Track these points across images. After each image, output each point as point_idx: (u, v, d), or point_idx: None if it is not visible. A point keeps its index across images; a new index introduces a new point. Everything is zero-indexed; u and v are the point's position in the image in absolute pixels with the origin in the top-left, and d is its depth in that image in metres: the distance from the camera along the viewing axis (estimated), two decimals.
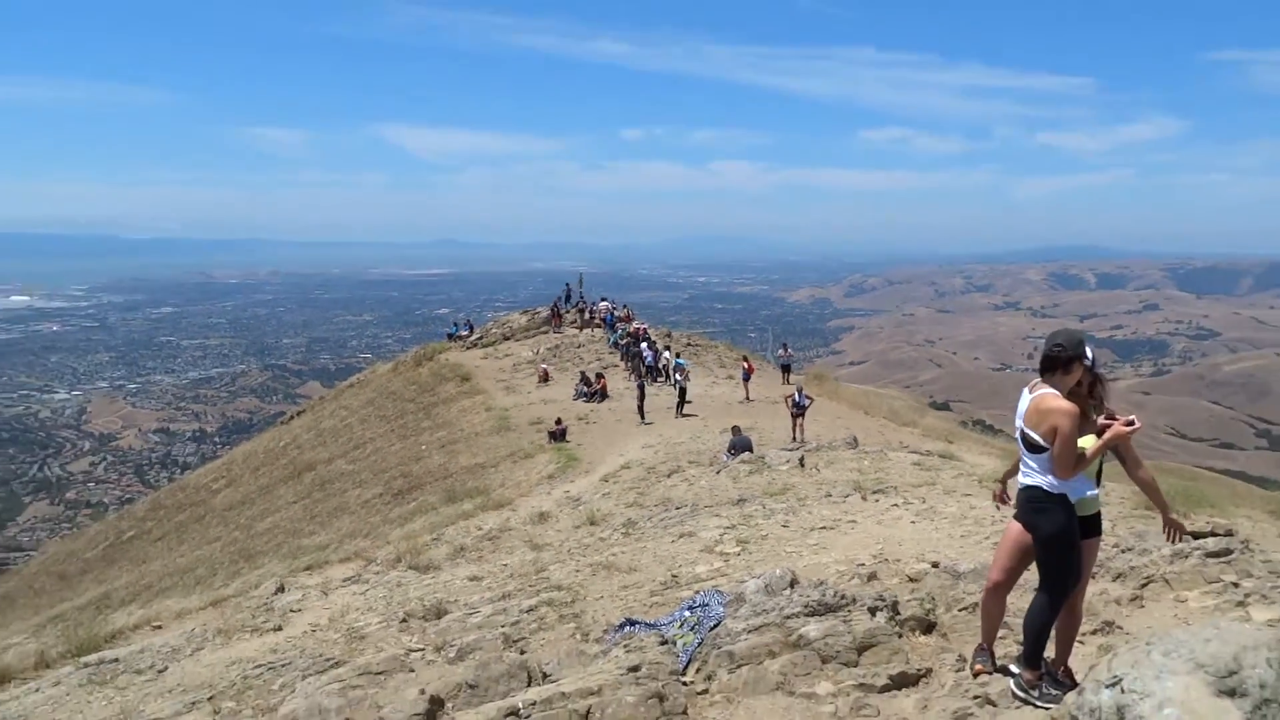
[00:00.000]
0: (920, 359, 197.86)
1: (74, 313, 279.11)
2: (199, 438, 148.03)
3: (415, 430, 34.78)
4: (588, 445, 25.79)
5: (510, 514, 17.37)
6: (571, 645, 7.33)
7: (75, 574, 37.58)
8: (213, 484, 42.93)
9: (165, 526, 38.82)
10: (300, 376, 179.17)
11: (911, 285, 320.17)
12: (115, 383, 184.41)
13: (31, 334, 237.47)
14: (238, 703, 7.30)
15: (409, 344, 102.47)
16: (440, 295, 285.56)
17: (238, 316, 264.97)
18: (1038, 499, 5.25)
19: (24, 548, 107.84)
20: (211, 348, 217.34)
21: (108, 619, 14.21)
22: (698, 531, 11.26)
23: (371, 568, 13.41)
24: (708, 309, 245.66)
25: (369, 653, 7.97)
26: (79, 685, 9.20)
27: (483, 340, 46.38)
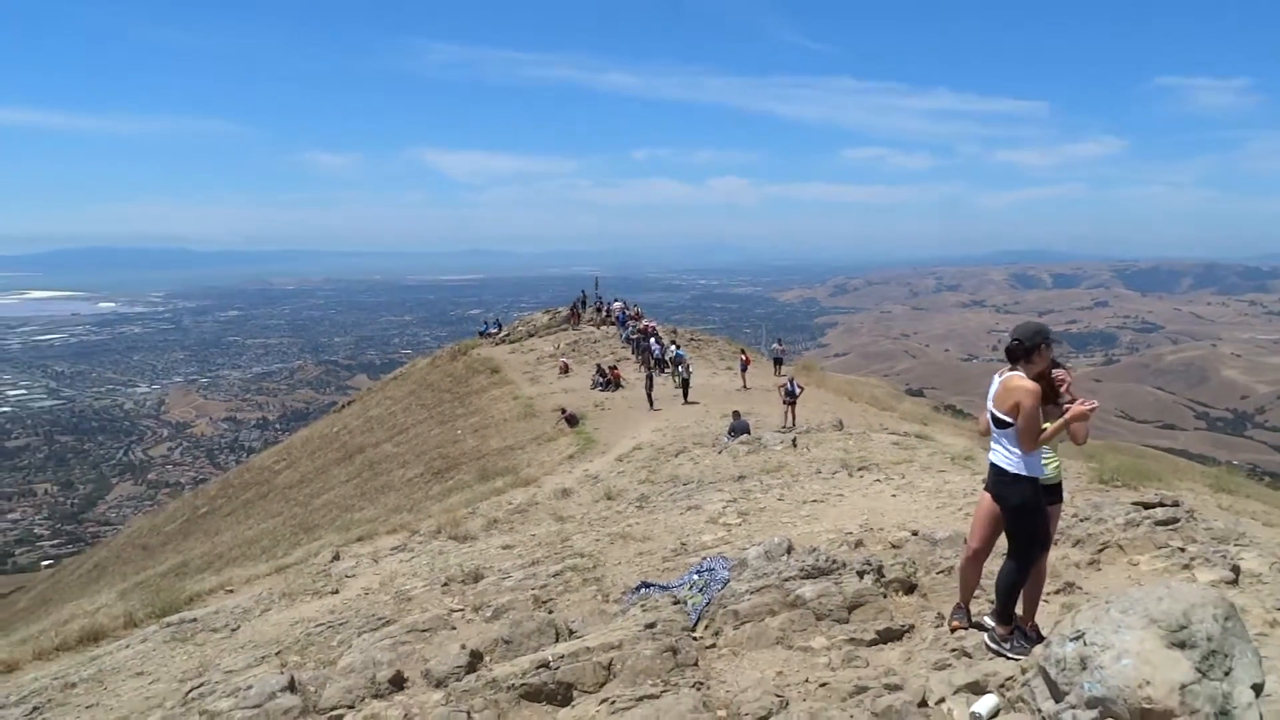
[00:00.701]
0: (897, 351, 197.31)
1: (153, 317, 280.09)
2: (262, 425, 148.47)
3: (451, 417, 34.77)
4: (603, 429, 25.74)
5: (536, 490, 17.35)
6: (594, 605, 7.32)
7: (156, 545, 37.71)
8: (275, 465, 42.99)
9: (234, 503, 38.92)
10: (350, 370, 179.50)
11: (889, 286, 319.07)
12: (189, 377, 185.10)
13: (117, 336, 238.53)
14: (302, 656, 7.30)
15: (444, 341, 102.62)
16: (471, 298, 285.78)
17: (294, 319, 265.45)
18: (1003, 475, 5.23)
19: (112, 522, 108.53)
20: (272, 346, 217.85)
21: (186, 584, 14.21)
22: (703, 505, 11.22)
23: (415, 538, 13.39)
24: (708, 308, 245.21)
25: (415, 613, 7.95)
26: (163, 642, 9.22)
27: (510, 337, 46.37)
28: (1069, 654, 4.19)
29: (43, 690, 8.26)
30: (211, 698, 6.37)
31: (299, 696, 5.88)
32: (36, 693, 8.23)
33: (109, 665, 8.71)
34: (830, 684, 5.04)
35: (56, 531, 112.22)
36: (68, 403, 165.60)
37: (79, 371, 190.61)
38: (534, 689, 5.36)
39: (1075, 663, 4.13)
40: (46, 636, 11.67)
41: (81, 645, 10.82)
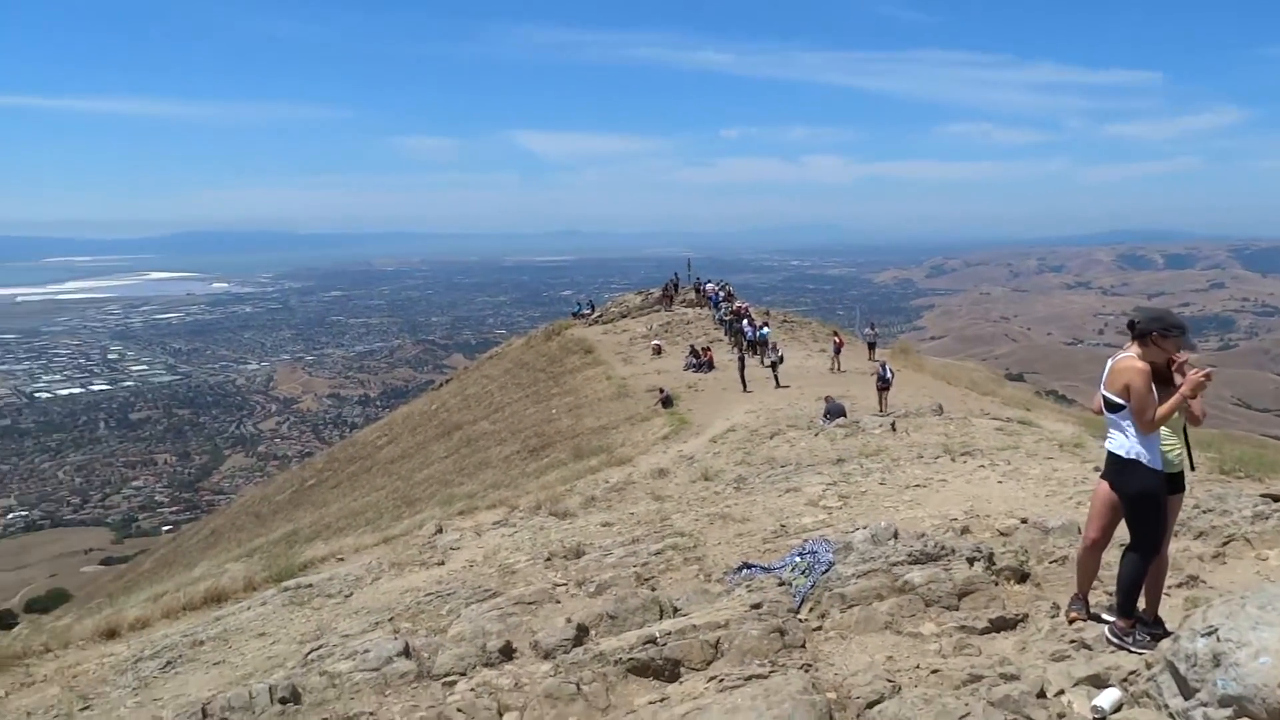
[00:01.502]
0: (996, 334, 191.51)
1: (262, 297, 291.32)
2: (364, 401, 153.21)
3: (546, 396, 35.23)
4: (697, 410, 25.73)
5: (631, 469, 17.47)
6: (696, 584, 7.34)
7: (268, 514, 39.35)
8: (377, 441, 44.33)
9: (339, 476, 40.29)
10: (446, 350, 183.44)
11: (988, 267, 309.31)
12: (296, 355, 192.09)
13: (229, 315, 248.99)
14: (413, 623, 7.54)
15: (538, 321, 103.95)
16: (564, 279, 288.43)
17: (394, 299, 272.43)
18: (1119, 461, 5.05)
19: (225, 492, 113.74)
20: (373, 325, 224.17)
21: (299, 551, 14.80)
22: (802, 487, 11.13)
23: (515, 514, 13.65)
24: (800, 289, 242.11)
25: (520, 585, 8.12)
26: (282, 605, 9.64)
27: (603, 318, 46.68)
28: (1200, 650, 4.02)
29: (174, 646, 8.73)
30: (330, 660, 6.61)
31: (414, 661, 6.07)
32: (169, 648, 8.70)
33: (233, 625, 9.15)
34: (942, 671, 4.95)
35: (175, 499, 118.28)
36: (185, 378, 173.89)
37: (195, 348, 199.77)
38: (641, 664, 5.41)
39: (1208, 659, 3.96)
40: (174, 596, 12.32)
41: (206, 606, 11.41)
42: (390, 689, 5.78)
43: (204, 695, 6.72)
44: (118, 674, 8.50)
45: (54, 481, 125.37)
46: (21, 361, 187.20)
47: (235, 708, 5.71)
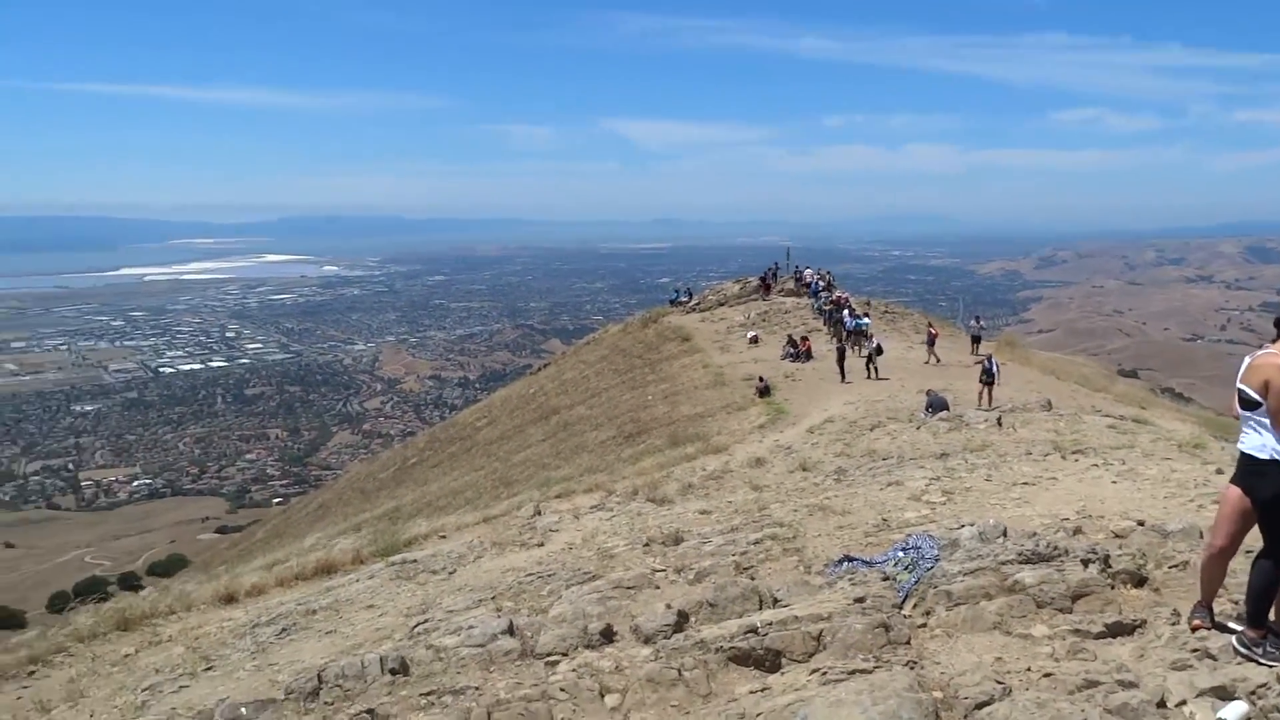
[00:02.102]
0: (1109, 328, 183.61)
1: (369, 280, 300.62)
2: (464, 384, 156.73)
3: (642, 382, 35.39)
4: (794, 400, 25.48)
5: (728, 458, 17.42)
6: (796, 576, 7.28)
7: (372, 490, 40.68)
8: (477, 422, 45.29)
9: (440, 455, 41.35)
10: (544, 334, 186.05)
11: (1101, 259, 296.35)
12: (400, 337, 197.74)
13: (339, 297, 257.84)
14: (515, 602, 7.69)
15: (634, 308, 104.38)
16: (661, 266, 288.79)
17: (494, 284, 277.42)
18: (1255, 462, 4.79)
19: (331, 467, 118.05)
20: (474, 309, 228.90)
21: (403, 527, 15.25)
22: (904, 481, 10.91)
23: (612, 498, 13.77)
24: (901, 280, 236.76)
25: (619, 570, 8.20)
26: (389, 579, 9.96)
27: (700, 306, 46.57)
28: None
29: (289, 614, 9.11)
30: (436, 634, 6.80)
31: (517, 640, 6.20)
32: (284, 616, 9.09)
33: (343, 596, 9.50)
34: (1055, 675, 4.80)
35: (285, 472, 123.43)
36: (296, 356, 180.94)
37: (306, 328, 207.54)
38: (742, 653, 5.41)
39: None
40: (287, 566, 12.85)
41: (317, 576, 11.86)
42: (494, 665, 5.91)
43: (317, 662, 6.99)
44: (237, 638, 8.92)
45: (175, 452, 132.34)
46: (148, 337, 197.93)
47: (348, 676, 5.93)
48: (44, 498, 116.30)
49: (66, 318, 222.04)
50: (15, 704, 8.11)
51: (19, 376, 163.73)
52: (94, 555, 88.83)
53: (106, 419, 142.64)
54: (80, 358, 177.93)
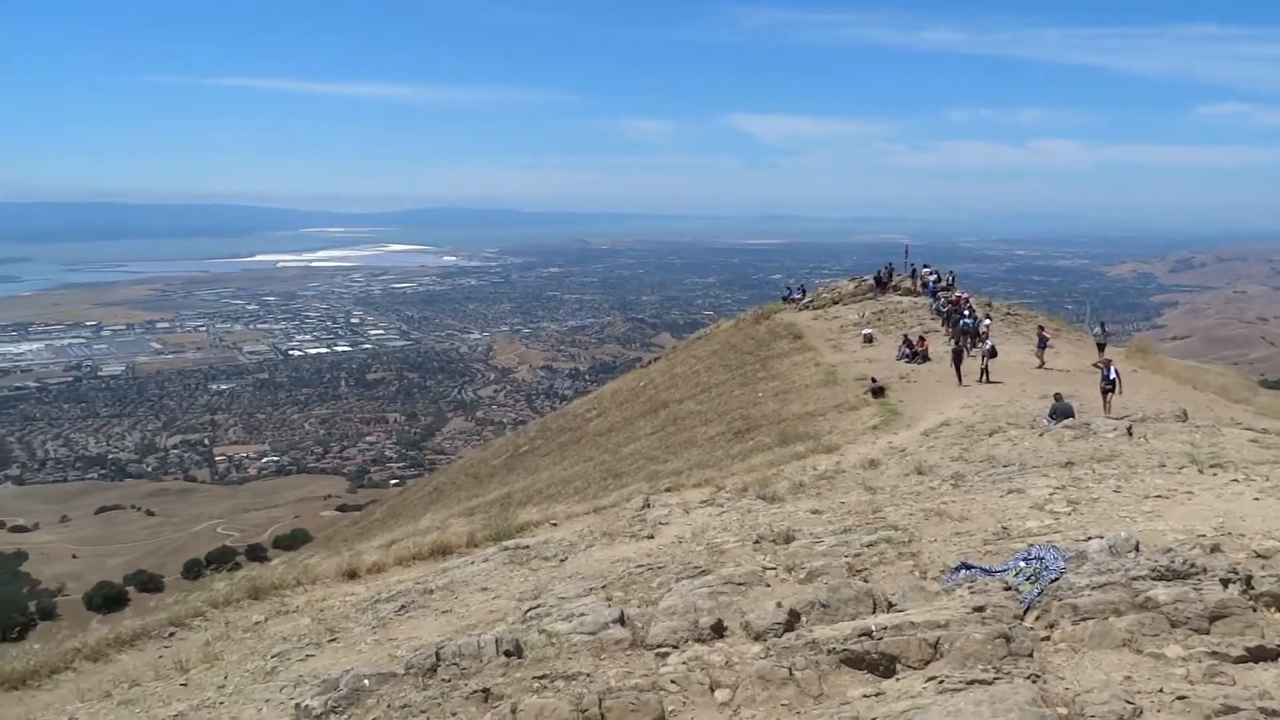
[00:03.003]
0: (1251, 336, 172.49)
1: (486, 271, 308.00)
2: (574, 375, 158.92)
3: (753, 379, 35.13)
4: (908, 402, 24.89)
5: (839, 458, 17.15)
6: (911, 581, 7.12)
7: (485, 476, 41.67)
8: (587, 413, 45.81)
9: (550, 445, 42.01)
10: (654, 328, 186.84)
11: (1245, 262, 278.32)
12: (514, 327, 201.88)
13: (456, 286, 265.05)
14: (625, 592, 7.77)
15: (746, 304, 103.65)
16: (774, 263, 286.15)
17: (607, 277, 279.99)
18: None
19: (445, 452, 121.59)
20: (586, 302, 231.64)
21: (514, 514, 15.57)
22: (1026, 489, 10.53)
23: (722, 494, 13.74)
24: (1025, 281, 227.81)
25: (729, 566, 8.18)
26: (502, 563, 10.21)
27: (813, 303, 45.91)
28: None
29: (407, 592, 9.45)
30: (548, 619, 6.94)
31: (628, 630, 6.27)
32: (402, 593, 9.44)
33: (459, 578, 9.79)
34: (1190, 698, 4.56)
35: (402, 455, 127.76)
36: (415, 344, 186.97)
37: (425, 316, 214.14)
38: (855, 656, 5.33)
39: None
40: (405, 545, 13.30)
41: (433, 557, 12.25)
42: (605, 654, 5.99)
43: (435, 640, 7.23)
44: (359, 612, 9.30)
45: (301, 431, 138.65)
46: (279, 321, 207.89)
47: (465, 655, 6.11)
48: (182, 470, 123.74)
49: (206, 300, 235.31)
50: (157, 662, 8.67)
51: (163, 355, 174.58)
52: (225, 526, 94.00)
53: (239, 398, 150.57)
54: (217, 339, 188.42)
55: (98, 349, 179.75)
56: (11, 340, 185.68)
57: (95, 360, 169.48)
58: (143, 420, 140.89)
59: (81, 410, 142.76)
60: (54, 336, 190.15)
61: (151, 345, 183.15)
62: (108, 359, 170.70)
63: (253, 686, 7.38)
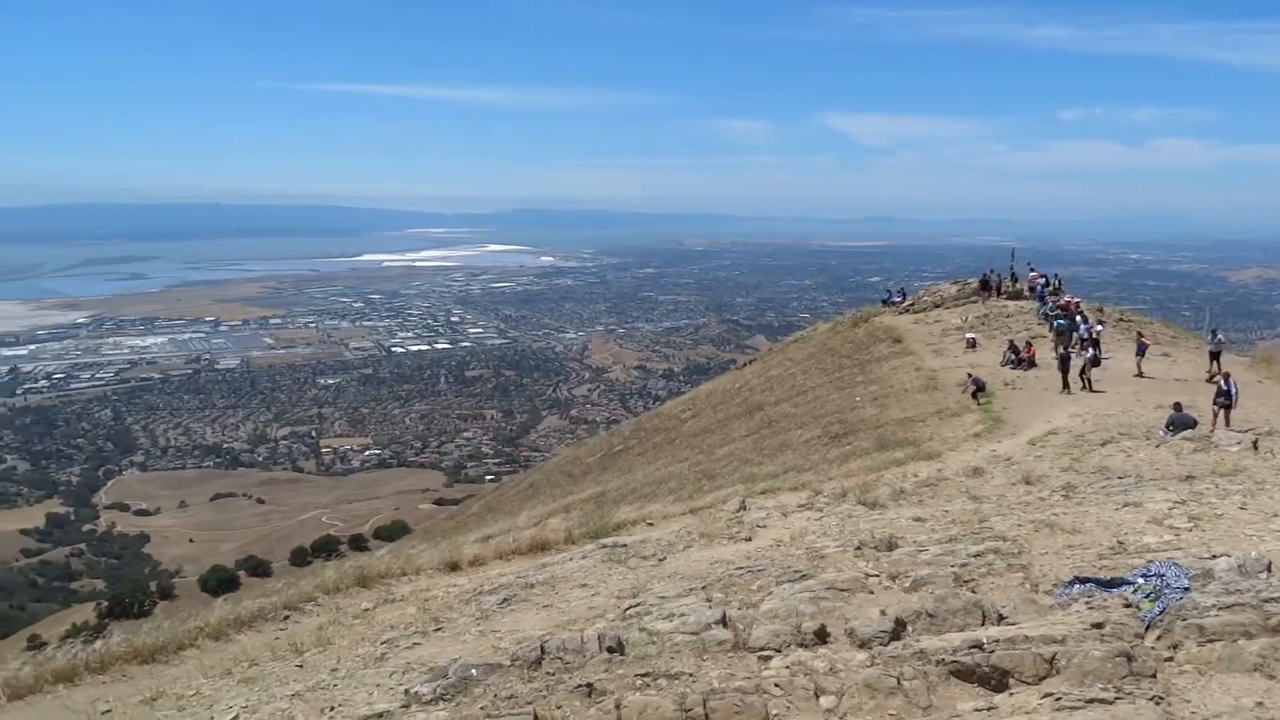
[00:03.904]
0: None
1: (582, 271, 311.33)
2: (668, 375, 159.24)
3: (850, 383, 34.57)
4: (1013, 409, 24.12)
5: (941, 465, 16.74)
6: (1022, 593, 6.91)
7: (579, 474, 42.07)
8: (681, 414, 45.78)
9: (645, 445, 42.13)
10: (749, 330, 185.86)
11: None
12: (609, 327, 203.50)
13: (553, 286, 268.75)
14: (725, 594, 7.75)
15: (843, 307, 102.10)
16: (872, 265, 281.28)
17: (702, 278, 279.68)
18: None
19: (540, 449, 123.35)
20: (680, 303, 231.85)
21: (610, 512, 15.70)
22: (1143, 502, 10.09)
23: (820, 498, 13.58)
24: (1138, 286, 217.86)
25: (830, 571, 8.08)
26: (601, 561, 10.30)
27: (914, 307, 44.88)
28: None
29: (509, 585, 9.63)
30: (649, 618, 6.97)
31: (730, 631, 6.25)
32: (504, 586, 9.62)
33: (559, 574, 9.92)
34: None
35: (498, 452, 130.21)
36: (512, 342, 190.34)
37: (522, 316, 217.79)
38: (965, 668, 5.20)
39: None
40: (504, 540, 13.55)
41: (531, 552, 12.44)
42: (708, 654, 5.99)
43: (537, 633, 7.35)
44: (462, 603, 9.51)
45: (401, 426, 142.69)
46: (383, 319, 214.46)
47: (569, 649, 6.19)
48: (290, 461, 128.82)
49: (316, 298, 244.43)
50: (274, 643, 9.03)
51: (275, 350, 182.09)
52: (329, 516, 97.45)
53: (345, 392, 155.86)
54: (325, 335, 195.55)
55: (215, 343, 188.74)
56: (139, 334, 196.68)
57: (213, 354, 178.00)
58: (255, 412, 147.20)
59: (200, 401, 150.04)
60: (176, 331, 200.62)
61: (264, 340, 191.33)
62: (224, 353, 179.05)
63: (363, 671, 7.63)
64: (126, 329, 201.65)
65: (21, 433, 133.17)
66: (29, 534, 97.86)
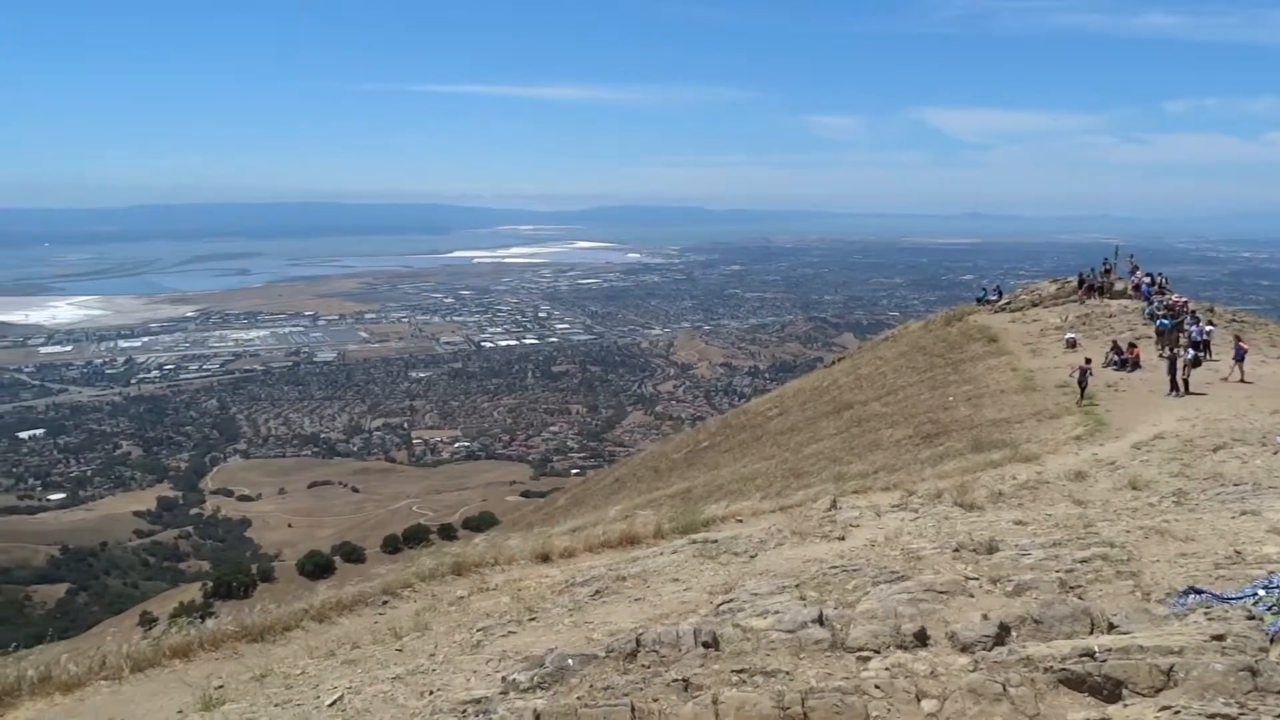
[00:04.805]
0: None
1: (669, 268, 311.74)
2: (753, 373, 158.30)
3: (943, 383, 33.79)
4: (1116, 411, 23.24)
5: (1040, 468, 16.22)
6: (1133, 602, 6.65)
7: (665, 470, 42.13)
8: (768, 412, 45.44)
9: (731, 442, 41.96)
10: (837, 328, 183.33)
11: None
12: (694, 324, 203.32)
13: (639, 283, 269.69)
14: (820, 593, 7.65)
15: (934, 305, 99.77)
16: (966, 263, 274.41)
17: (789, 275, 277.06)
18: None
19: (625, 444, 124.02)
20: (767, 300, 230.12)
21: (699, 508, 15.66)
22: (1262, 511, 9.59)
23: (914, 499, 13.30)
24: (1251, 285, 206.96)
25: (928, 573, 7.91)
26: (692, 556, 10.29)
27: (1010, 305, 43.59)
28: None
29: (600, 577, 9.70)
30: (742, 615, 6.94)
31: (827, 630, 6.17)
32: (596, 578, 9.69)
33: (650, 568, 9.94)
34: None
35: (583, 446, 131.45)
36: (598, 338, 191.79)
37: (608, 312, 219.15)
38: (1075, 677, 5.03)
39: None
40: (594, 532, 13.64)
41: (621, 545, 12.49)
42: (804, 653, 5.93)
43: (630, 626, 7.38)
44: (555, 594, 9.62)
45: (490, 419, 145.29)
46: (473, 315, 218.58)
47: (664, 643, 6.20)
48: (383, 451, 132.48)
49: (409, 294, 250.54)
50: (374, 627, 9.29)
51: (369, 344, 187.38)
52: (419, 505, 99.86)
53: (435, 385, 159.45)
54: (418, 330, 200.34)
55: (314, 337, 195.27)
56: (243, 327, 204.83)
57: (311, 347, 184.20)
58: (351, 403, 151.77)
59: (299, 392, 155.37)
60: (278, 324, 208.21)
61: (360, 334, 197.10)
62: (322, 346, 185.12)
63: (460, 657, 7.78)
64: (231, 322, 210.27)
65: (136, 420, 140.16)
66: (141, 516, 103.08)
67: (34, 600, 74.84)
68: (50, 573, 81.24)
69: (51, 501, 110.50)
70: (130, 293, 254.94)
